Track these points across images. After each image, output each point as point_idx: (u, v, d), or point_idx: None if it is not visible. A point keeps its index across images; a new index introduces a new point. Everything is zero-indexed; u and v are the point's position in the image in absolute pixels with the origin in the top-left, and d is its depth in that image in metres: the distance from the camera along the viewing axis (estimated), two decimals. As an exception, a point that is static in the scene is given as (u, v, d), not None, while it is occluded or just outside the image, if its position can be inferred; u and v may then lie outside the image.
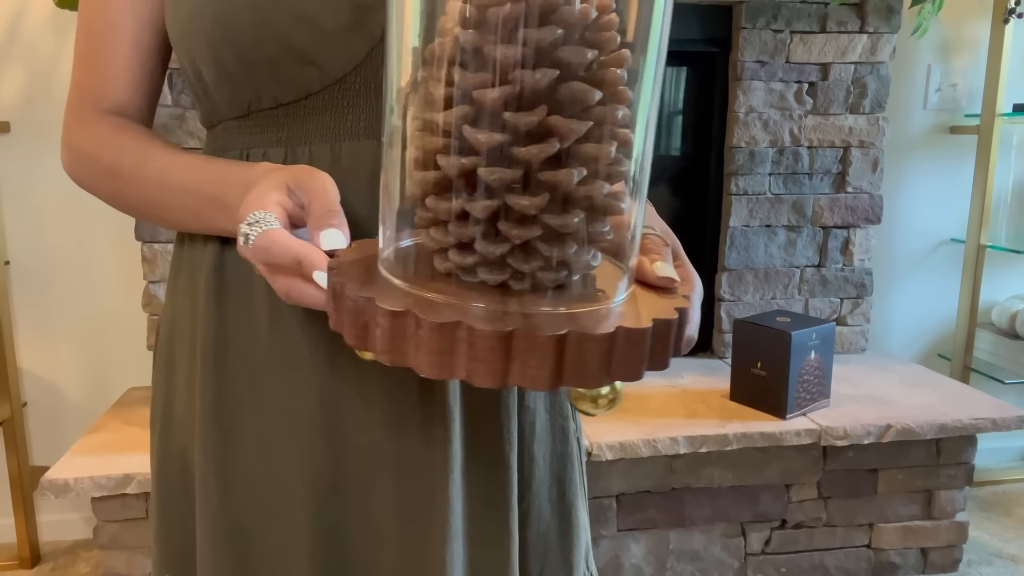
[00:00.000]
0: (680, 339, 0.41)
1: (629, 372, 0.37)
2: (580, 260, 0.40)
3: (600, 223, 0.40)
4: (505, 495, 0.64)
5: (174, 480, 0.68)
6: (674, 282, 0.44)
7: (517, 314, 0.37)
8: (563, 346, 0.35)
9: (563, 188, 0.37)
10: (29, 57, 1.77)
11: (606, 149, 0.37)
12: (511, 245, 0.38)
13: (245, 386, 0.62)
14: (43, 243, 1.85)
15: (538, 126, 0.36)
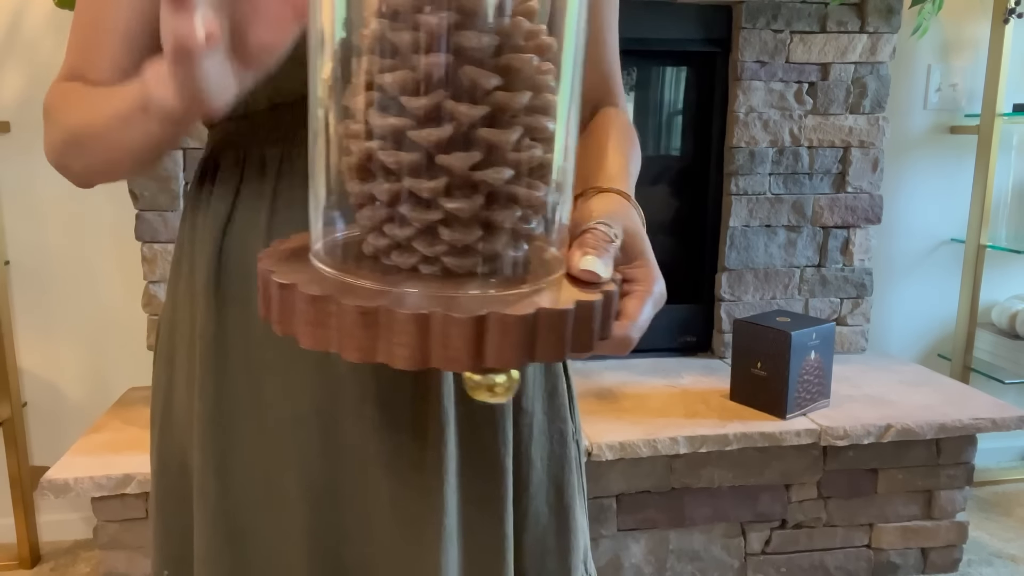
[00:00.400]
0: (585, 333, 0.40)
1: (506, 359, 0.37)
2: (491, 248, 0.39)
3: (509, 211, 0.39)
4: (500, 498, 0.64)
5: (173, 478, 0.68)
6: (596, 277, 0.42)
7: (441, 297, 0.37)
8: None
9: (459, 172, 0.37)
10: (29, 57, 1.77)
11: (507, 136, 0.37)
12: (415, 228, 0.38)
13: (243, 386, 0.62)
14: (43, 243, 1.85)
15: (436, 110, 0.36)
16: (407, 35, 0.36)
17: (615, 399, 1.75)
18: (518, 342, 0.36)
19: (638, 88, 2.03)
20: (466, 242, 0.39)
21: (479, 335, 0.36)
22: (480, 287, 0.39)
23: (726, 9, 1.95)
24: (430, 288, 0.38)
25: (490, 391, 0.41)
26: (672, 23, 1.94)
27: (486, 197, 0.38)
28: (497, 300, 0.38)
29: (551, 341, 0.37)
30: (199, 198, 0.66)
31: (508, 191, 0.39)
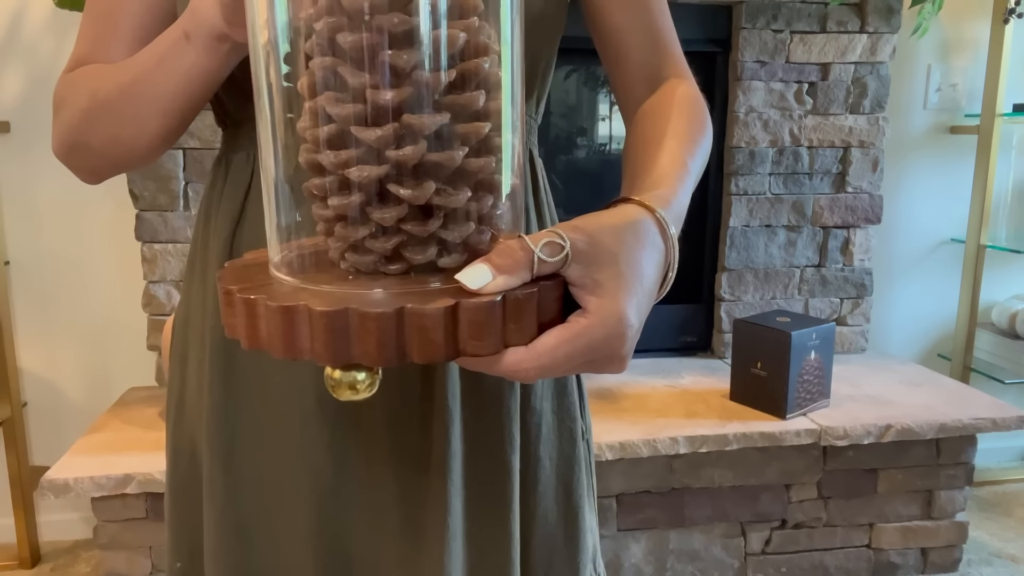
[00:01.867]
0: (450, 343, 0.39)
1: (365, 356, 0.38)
2: (443, 236, 0.41)
3: (456, 195, 0.40)
4: (506, 497, 0.64)
5: (186, 473, 0.69)
6: (468, 288, 0.39)
7: (352, 295, 0.39)
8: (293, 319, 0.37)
9: (408, 163, 0.38)
10: (29, 57, 1.77)
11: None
12: (370, 227, 0.40)
13: (251, 383, 0.62)
14: (43, 243, 1.85)
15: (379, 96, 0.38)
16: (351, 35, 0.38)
17: (615, 399, 1.75)
18: (376, 339, 0.37)
19: (638, 88, 2.03)
20: (425, 233, 0.40)
21: (342, 330, 0.37)
22: (439, 281, 0.40)
23: (726, 9, 1.95)
24: (396, 287, 0.40)
25: (352, 388, 0.40)
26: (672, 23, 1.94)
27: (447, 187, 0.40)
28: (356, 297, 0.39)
29: (419, 344, 0.38)
30: (211, 198, 0.67)
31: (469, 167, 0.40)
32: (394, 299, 0.38)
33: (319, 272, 0.42)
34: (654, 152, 0.55)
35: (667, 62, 0.66)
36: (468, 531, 0.64)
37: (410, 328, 0.37)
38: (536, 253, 0.39)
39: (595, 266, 0.41)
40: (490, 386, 0.63)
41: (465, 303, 0.38)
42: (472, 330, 0.38)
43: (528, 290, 0.39)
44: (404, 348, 0.38)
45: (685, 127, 0.59)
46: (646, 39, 0.65)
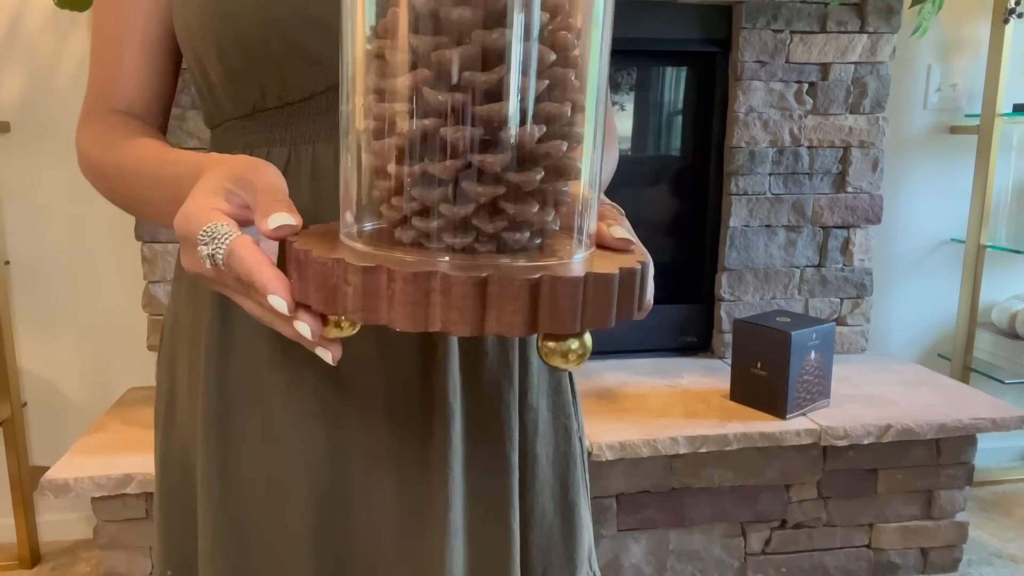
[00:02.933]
0: (643, 291, 0.42)
1: (600, 318, 0.38)
2: (542, 220, 0.41)
3: (560, 183, 0.41)
4: (506, 494, 0.64)
5: (176, 478, 0.68)
6: (631, 243, 0.46)
7: (489, 265, 0.37)
8: (537, 291, 0.36)
9: (526, 146, 0.37)
10: (29, 57, 1.77)
11: (564, 109, 0.38)
12: (475, 206, 0.38)
13: (247, 385, 0.62)
14: (43, 243, 1.85)
15: (497, 85, 0.36)
16: (467, 11, 0.35)
17: (615, 399, 1.75)
18: (608, 301, 0.38)
19: (638, 88, 2.03)
20: (526, 216, 0.39)
21: (583, 296, 0.37)
22: (525, 259, 0.39)
23: (726, 9, 1.95)
24: (493, 254, 0.39)
25: (563, 357, 0.41)
26: (672, 23, 1.95)
27: (551, 173, 0.39)
28: (546, 268, 0.38)
29: (600, 304, 0.38)
30: None
31: (564, 164, 0.40)
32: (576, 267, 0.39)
33: (432, 256, 0.40)
34: None
35: None
36: (468, 528, 0.64)
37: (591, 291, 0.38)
38: (623, 212, 0.49)
39: None
40: (489, 380, 0.63)
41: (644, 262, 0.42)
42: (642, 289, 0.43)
43: None
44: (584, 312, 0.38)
45: None
46: None
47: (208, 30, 0.58)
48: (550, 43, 0.38)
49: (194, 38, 0.60)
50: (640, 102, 2.04)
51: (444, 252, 0.39)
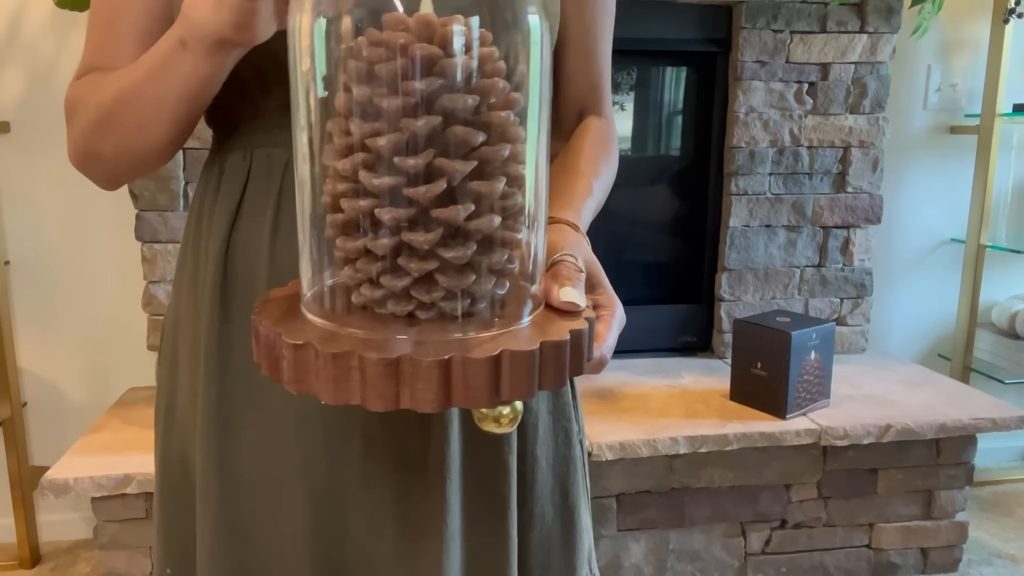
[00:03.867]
0: (578, 359, 0.43)
1: (520, 392, 0.40)
2: (481, 289, 0.42)
3: (496, 254, 0.42)
4: (504, 497, 0.64)
5: (176, 478, 0.68)
6: (577, 307, 0.46)
7: (410, 341, 0.39)
8: (448, 370, 0.38)
9: (454, 223, 0.40)
10: (29, 57, 1.77)
11: (494, 186, 0.40)
12: (412, 278, 0.41)
13: (247, 385, 0.62)
14: (43, 243, 1.85)
15: (428, 168, 0.39)
16: (395, 101, 0.38)
17: (615, 399, 1.75)
18: (529, 375, 0.40)
19: (638, 88, 2.03)
20: (461, 287, 0.41)
21: (496, 373, 0.39)
22: (476, 326, 0.42)
23: (726, 9, 1.95)
24: (426, 333, 0.41)
25: (496, 422, 0.44)
26: (672, 23, 1.95)
27: (477, 243, 0.41)
28: (502, 339, 0.41)
29: (554, 370, 0.41)
30: (204, 199, 0.66)
31: (498, 236, 0.42)
32: (529, 335, 0.41)
33: (393, 322, 0.43)
34: (568, 182, 0.66)
35: (598, 103, 0.76)
36: (466, 531, 0.64)
37: (546, 360, 0.41)
38: (583, 271, 0.50)
39: (590, 274, 0.52)
40: None
41: (578, 331, 0.43)
42: (589, 342, 0.45)
43: (589, 303, 0.48)
44: (541, 379, 0.41)
45: (596, 158, 0.71)
46: (588, 84, 0.74)
47: None
48: (484, 123, 0.40)
49: None
50: (640, 102, 2.04)
51: (390, 318, 0.42)
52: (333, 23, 0.40)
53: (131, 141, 0.58)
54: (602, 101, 0.75)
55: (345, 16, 0.40)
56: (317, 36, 0.40)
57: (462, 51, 0.39)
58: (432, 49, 0.38)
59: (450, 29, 0.38)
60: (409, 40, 0.38)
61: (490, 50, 0.40)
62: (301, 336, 0.40)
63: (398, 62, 0.38)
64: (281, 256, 0.61)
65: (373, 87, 0.39)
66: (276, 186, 0.62)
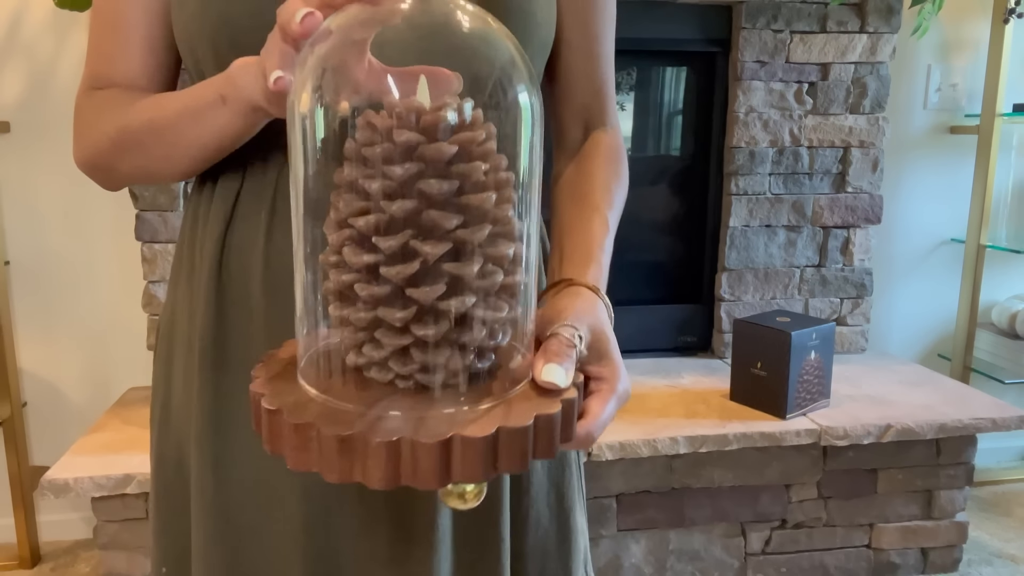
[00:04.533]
0: (547, 442, 0.43)
1: (471, 476, 0.40)
2: (457, 365, 0.43)
3: (474, 331, 0.43)
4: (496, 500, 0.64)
5: (171, 476, 0.68)
6: (556, 387, 0.45)
7: (369, 419, 0.41)
8: (398, 451, 0.39)
9: (425, 303, 0.41)
10: (29, 57, 1.77)
11: (469, 268, 0.42)
12: (390, 350, 0.43)
13: (242, 385, 0.62)
14: (43, 243, 1.85)
15: (404, 248, 0.41)
16: (376, 183, 0.41)
17: (615, 399, 1.75)
18: (482, 459, 0.40)
19: (638, 88, 2.03)
20: (436, 363, 0.43)
21: (445, 457, 0.39)
22: (453, 399, 0.43)
23: (726, 9, 1.95)
24: (407, 402, 0.42)
25: (461, 498, 0.44)
26: (672, 23, 1.94)
27: (454, 321, 0.42)
28: (464, 419, 0.41)
29: (513, 455, 0.41)
30: (200, 200, 0.66)
31: (473, 315, 0.43)
32: (490, 418, 0.41)
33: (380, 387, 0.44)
34: (581, 228, 0.64)
35: (603, 111, 0.73)
36: (457, 533, 0.64)
37: (503, 446, 0.41)
38: (579, 347, 0.48)
39: (596, 345, 0.51)
40: None
41: (566, 402, 0.44)
42: (567, 420, 0.44)
43: (579, 380, 0.47)
44: (496, 463, 0.41)
45: (608, 188, 0.68)
46: (590, 87, 0.72)
47: (203, 32, 0.59)
48: (463, 205, 0.41)
49: (191, 40, 0.60)
50: (640, 102, 2.04)
51: (375, 383, 0.44)
52: (331, 108, 0.42)
53: (153, 167, 0.61)
54: (607, 108, 0.73)
55: (343, 101, 0.42)
56: (317, 118, 0.42)
57: (447, 134, 0.40)
58: (411, 135, 0.40)
59: (437, 115, 0.40)
60: (394, 125, 0.40)
61: (471, 135, 0.41)
62: (278, 401, 0.42)
63: (380, 147, 0.40)
64: (276, 258, 0.61)
65: (361, 168, 0.41)
66: (271, 188, 0.62)
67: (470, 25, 0.44)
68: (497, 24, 0.45)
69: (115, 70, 0.65)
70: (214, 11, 0.58)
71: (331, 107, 0.42)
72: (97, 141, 0.62)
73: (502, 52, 0.44)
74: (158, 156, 0.60)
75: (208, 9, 0.58)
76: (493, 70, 0.44)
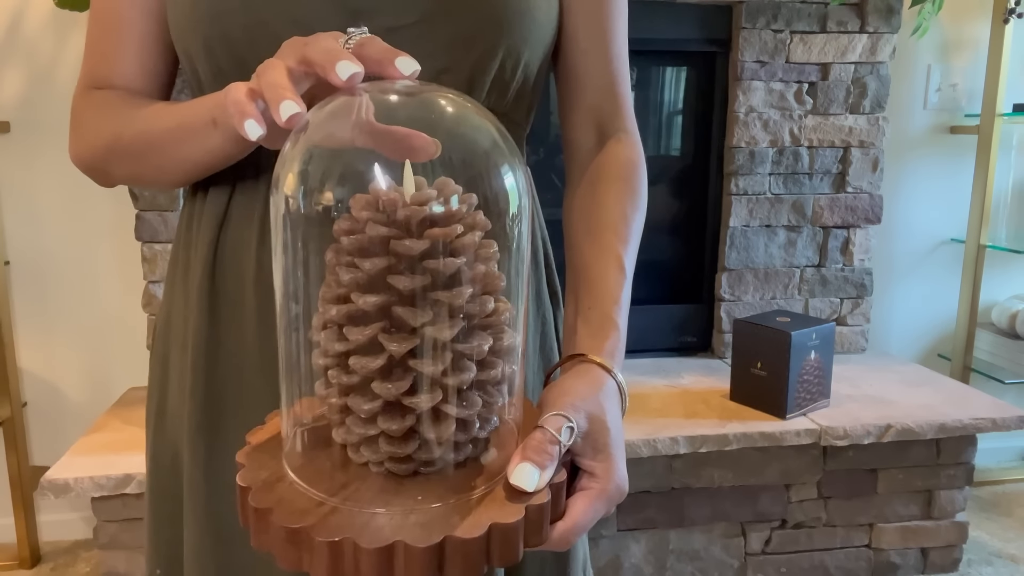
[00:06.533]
0: (509, 550, 0.41)
1: (457, 571, 0.39)
2: (425, 456, 0.43)
3: (442, 426, 0.42)
4: None
5: (166, 478, 0.68)
6: (524, 492, 0.42)
7: (324, 510, 0.41)
8: (340, 552, 0.39)
9: (388, 398, 0.41)
10: (29, 57, 1.77)
11: (434, 366, 0.41)
12: (359, 437, 0.43)
13: (233, 387, 0.62)
14: (43, 243, 1.85)
15: (371, 342, 0.41)
16: (347, 275, 0.41)
17: (615, 399, 1.75)
18: (424, 569, 0.39)
19: (638, 88, 2.03)
20: (403, 454, 0.42)
21: (388, 562, 0.38)
22: (419, 491, 0.42)
23: (726, 9, 1.95)
24: (374, 488, 0.42)
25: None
26: (672, 23, 1.94)
27: (421, 416, 0.42)
28: (413, 522, 0.40)
29: (462, 565, 0.39)
30: (195, 199, 0.66)
31: (441, 411, 0.42)
32: (442, 523, 0.40)
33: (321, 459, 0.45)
34: (603, 268, 0.61)
35: (616, 114, 0.69)
36: None
37: (451, 554, 0.39)
38: (563, 443, 0.45)
39: (592, 437, 0.48)
40: None
41: (531, 507, 0.42)
42: (535, 526, 0.42)
43: (559, 479, 0.44)
44: (490, 558, 0.40)
45: (624, 216, 0.64)
46: (601, 85, 0.68)
47: (196, 29, 0.59)
48: (432, 300, 0.41)
49: (183, 36, 0.60)
50: (640, 102, 2.04)
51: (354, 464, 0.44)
52: (312, 193, 0.41)
53: (146, 175, 0.62)
54: (621, 110, 0.69)
55: (327, 191, 0.41)
56: (300, 199, 0.42)
57: (423, 228, 0.40)
58: (382, 230, 0.40)
59: (411, 209, 0.40)
60: (368, 218, 0.40)
61: (445, 230, 0.40)
62: (247, 478, 0.43)
63: (355, 238, 0.40)
64: (268, 261, 0.61)
65: (339, 256, 0.41)
66: (264, 186, 0.62)
67: (452, 111, 0.44)
68: (475, 105, 0.45)
69: (112, 70, 0.64)
70: (204, 6, 0.58)
71: (315, 191, 0.42)
72: (92, 143, 0.63)
73: (484, 135, 0.44)
74: (151, 167, 0.60)
75: (199, 5, 0.58)
76: (476, 156, 0.43)
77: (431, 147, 0.42)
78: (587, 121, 0.69)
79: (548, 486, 0.43)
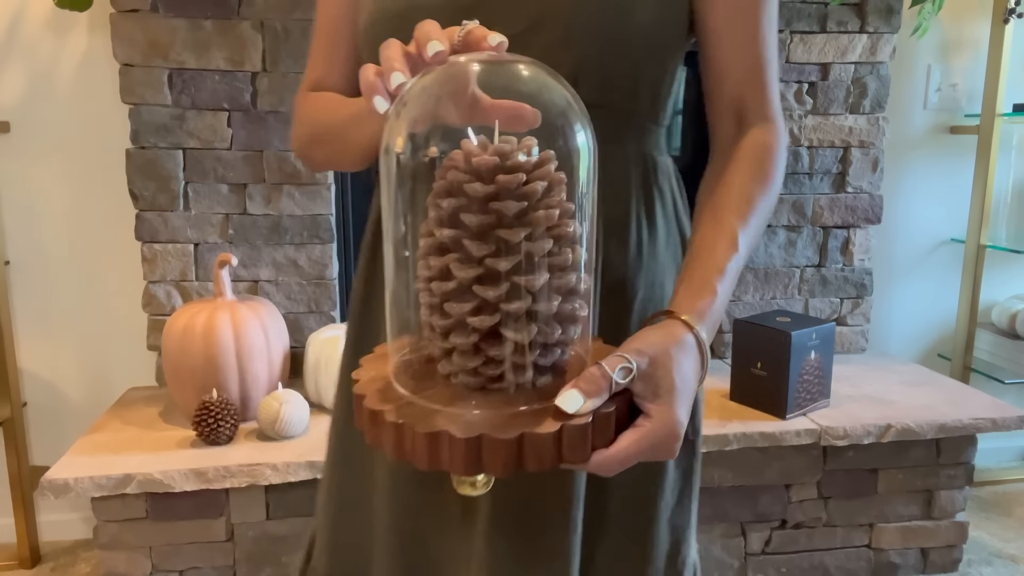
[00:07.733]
0: (541, 456, 0.47)
1: (494, 469, 0.47)
2: (516, 361, 0.50)
3: (504, 349, 0.49)
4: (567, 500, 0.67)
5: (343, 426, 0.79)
6: (563, 412, 0.48)
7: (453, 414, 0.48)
8: (437, 442, 0.46)
9: (491, 301, 0.48)
10: (29, 57, 1.77)
11: (494, 293, 0.48)
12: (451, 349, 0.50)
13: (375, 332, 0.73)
14: (43, 243, 1.85)
15: (481, 261, 0.48)
16: (454, 201, 0.48)
17: (615, 399, 1.75)
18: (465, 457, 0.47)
19: (638, 88, 2.03)
20: (472, 366, 0.49)
21: (476, 450, 0.46)
22: (502, 399, 0.50)
23: (726, 9, 1.95)
24: (470, 394, 0.50)
25: (472, 486, 0.51)
26: (672, 23, 1.94)
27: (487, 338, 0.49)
28: (495, 424, 0.47)
29: (496, 460, 0.47)
30: None
31: (502, 334, 0.49)
32: (515, 423, 0.47)
33: (428, 380, 0.53)
34: (713, 240, 0.63)
35: (760, 102, 0.68)
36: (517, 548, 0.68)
37: (528, 447, 0.47)
38: (613, 378, 0.49)
39: (654, 381, 0.51)
40: None
41: (568, 426, 0.47)
42: (571, 444, 0.48)
43: (607, 409, 0.49)
44: (523, 462, 0.47)
45: (746, 197, 0.65)
46: (742, 71, 0.68)
47: (366, 33, 0.67)
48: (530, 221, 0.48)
49: (366, 38, 0.68)
50: (640, 102, 2.04)
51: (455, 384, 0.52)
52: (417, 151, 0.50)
53: (335, 158, 0.72)
54: (764, 98, 0.68)
55: (432, 147, 0.50)
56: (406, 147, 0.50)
57: (492, 175, 0.47)
58: (461, 176, 0.48)
59: (483, 159, 0.47)
60: (452, 165, 0.48)
61: (509, 178, 0.47)
62: (366, 387, 0.52)
63: (438, 184, 0.49)
64: None
65: (432, 199, 0.49)
66: None
67: (528, 75, 0.51)
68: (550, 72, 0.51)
69: (324, 77, 0.75)
70: (367, 11, 0.67)
71: (421, 139, 0.49)
72: (300, 136, 0.74)
73: (558, 98, 0.50)
74: (335, 151, 0.70)
75: (380, 7, 0.66)
76: (552, 116, 0.49)
77: (535, 118, 0.49)
78: (727, 110, 0.69)
79: (592, 413, 0.48)
